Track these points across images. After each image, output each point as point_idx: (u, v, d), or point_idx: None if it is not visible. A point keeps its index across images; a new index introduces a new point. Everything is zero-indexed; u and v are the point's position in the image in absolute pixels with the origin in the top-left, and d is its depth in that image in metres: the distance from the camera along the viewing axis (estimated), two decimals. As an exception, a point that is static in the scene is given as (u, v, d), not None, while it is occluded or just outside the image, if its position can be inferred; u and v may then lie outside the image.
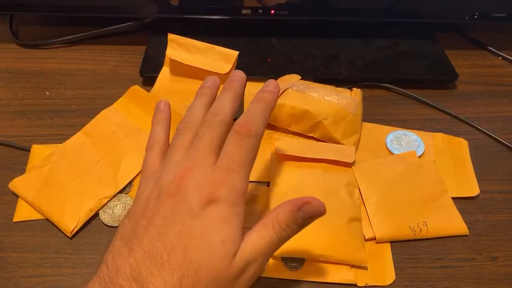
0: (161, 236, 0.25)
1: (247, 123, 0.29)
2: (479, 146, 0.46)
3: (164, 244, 0.25)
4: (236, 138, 0.29)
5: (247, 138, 0.29)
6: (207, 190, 0.26)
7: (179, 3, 0.52)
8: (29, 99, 0.50)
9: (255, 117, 0.30)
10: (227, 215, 0.26)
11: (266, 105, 0.32)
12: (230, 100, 0.32)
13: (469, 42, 0.60)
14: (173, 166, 0.29)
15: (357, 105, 0.45)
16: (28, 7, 0.54)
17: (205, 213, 0.26)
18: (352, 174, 0.42)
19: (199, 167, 0.28)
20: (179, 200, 0.26)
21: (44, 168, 0.41)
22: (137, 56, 0.54)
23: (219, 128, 0.30)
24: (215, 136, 0.29)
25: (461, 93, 0.53)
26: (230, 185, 0.27)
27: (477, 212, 0.41)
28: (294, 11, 0.53)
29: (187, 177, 0.27)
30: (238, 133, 0.29)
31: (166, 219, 0.26)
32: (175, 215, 0.26)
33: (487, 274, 0.36)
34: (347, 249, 0.36)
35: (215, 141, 0.29)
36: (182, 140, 0.30)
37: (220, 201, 0.26)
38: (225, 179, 0.27)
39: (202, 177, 0.27)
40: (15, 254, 0.36)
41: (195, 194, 0.26)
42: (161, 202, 0.26)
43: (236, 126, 0.29)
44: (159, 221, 0.26)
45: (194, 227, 0.25)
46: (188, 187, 0.26)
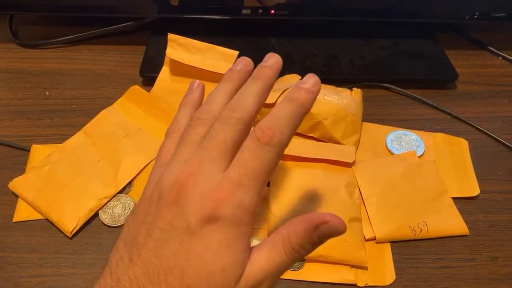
0: (158, 251, 0.23)
1: (270, 128, 0.24)
2: (479, 146, 0.46)
3: (161, 262, 0.23)
4: (255, 144, 0.24)
5: (267, 147, 0.24)
6: (208, 204, 0.23)
7: (179, 3, 0.52)
8: (29, 99, 0.50)
9: (282, 122, 0.25)
10: (229, 238, 0.23)
11: (300, 107, 0.26)
12: (256, 93, 0.26)
13: (469, 42, 0.60)
14: (177, 165, 0.25)
15: (357, 105, 0.45)
16: (28, 7, 0.54)
17: (204, 232, 0.23)
18: (352, 174, 0.42)
19: (204, 173, 0.24)
20: (178, 212, 0.23)
21: (44, 168, 0.41)
22: (137, 56, 0.54)
23: (236, 127, 0.25)
24: (229, 137, 0.25)
25: (461, 93, 0.53)
26: (236, 202, 0.23)
27: (477, 212, 0.41)
28: (294, 11, 0.53)
29: (189, 184, 0.24)
30: (258, 139, 0.24)
31: (164, 232, 0.23)
32: (172, 230, 0.23)
33: (487, 274, 0.36)
34: (347, 249, 0.36)
35: (229, 143, 0.25)
36: (194, 133, 0.26)
37: (222, 220, 0.23)
38: (231, 194, 0.23)
39: (206, 187, 0.24)
40: (15, 254, 0.36)
41: (196, 207, 0.23)
42: (161, 209, 0.24)
43: (257, 131, 0.24)
44: (157, 233, 0.23)
45: (192, 247, 0.23)
46: (188, 197, 0.23)
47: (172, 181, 0.24)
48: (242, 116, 0.25)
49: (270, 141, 0.24)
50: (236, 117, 0.25)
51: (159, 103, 0.45)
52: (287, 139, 0.25)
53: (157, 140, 0.43)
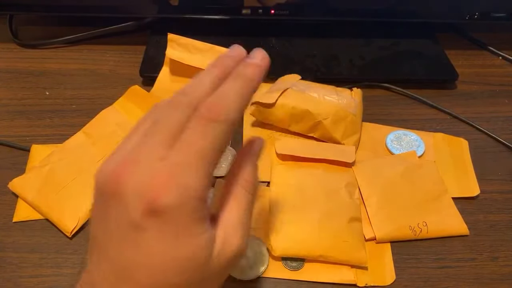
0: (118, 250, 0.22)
1: (215, 104, 0.23)
2: (479, 146, 0.46)
3: (124, 261, 0.22)
4: (199, 122, 0.22)
5: (214, 123, 0.22)
6: (148, 195, 0.21)
7: (179, 3, 0.52)
8: (29, 99, 0.50)
9: (230, 98, 0.23)
10: (181, 227, 0.21)
11: (246, 83, 0.24)
12: (239, 94, 0.24)
13: (469, 42, 0.60)
14: (121, 151, 0.23)
15: (357, 105, 0.45)
16: (28, 7, 0.54)
17: (152, 226, 0.21)
18: (352, 174, 0.42)
19: (145, 160, 0.22)
20: (120, 208, 0.21)
21: (44, 168, 0.41)
22: (137, 56, 0.54)
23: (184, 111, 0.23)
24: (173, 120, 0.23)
25: (461, 93, 0.53)
26: (180, 186, 0.21)
27: (477, 212, 0.41)
28: (294, 11, 0.53)
29: (126, 174, 0.21)
30: (203, 116, 0.22)
31: (116, 230, 0.22)
32: (121, 228, 0.21)
33: (487, 274, 0.36)
34: (347, 249, 0.36)
35: (172, 127, 0.22)
36: (161, 115, 0.24)
37: (167, 211, 0.21)
38: (173, 178, 0.21)
39: (144, 175, 0.21)
40: (15, 254, 0.36)
41: (135, 201, 0.21)
42: (104, 204, 0.22)
43: (202, 108, 0.23)
44: (111, 231, 0.22)
45: (147, 243, 0.21)
46: (127, 190, 0.21)
47: (109, 171, 0.22)
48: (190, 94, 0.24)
49: (217, 118, 0.22)
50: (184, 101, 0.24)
51: (159, 103, 0.45)
52: (235, 116, 0.23)
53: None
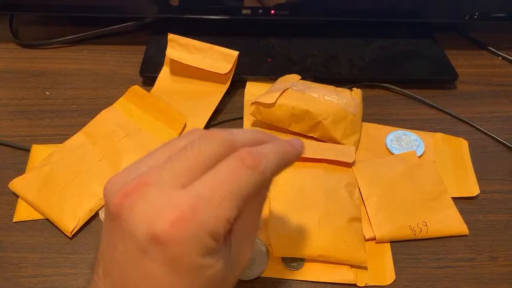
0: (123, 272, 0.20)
1: (257, 154, 0.22)
2: (479, 146, 0.46)
3: (129, 283, 0.20)
4: (237, 164, 0.21)
5: (250, 171, 0.21)
6: (159, 223, 0.19)
7: (179, 3, 0.52)
8: (29, 99, 0.50)
9: (269, 156, 0.23)
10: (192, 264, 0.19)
11: (285, 154, 0.24)
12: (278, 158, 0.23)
13: (469, 42, 0.60)
14: (136, 169, 0.21)
15: (357, 105, 0.45)
16: (28, 7, 0.54)
17: (157, 255, 0.19)
18: (352, 174, 0.42)
19: (161, 184, 0.20)
20: (124, 229, 0.20)
21: (44, 168, 0.41)
22: (137, 56, 0.54)
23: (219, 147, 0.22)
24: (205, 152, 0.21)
25: (461, 93, 0.53)
26: (197, 222, 0.19)
27: (477, 212, 0.41)
28: (294, 11, 0.53)
29: (136, 195, 0.19)
30: (242, 160, 0.21)
31: (121, 251, 0.20)
32: (127, 250, 0.20)
33: (487, 274, 0.36)
34: (347, 249, 0.36)
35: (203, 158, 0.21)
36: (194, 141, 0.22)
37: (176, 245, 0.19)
38: (192, 212, 0.19)
39: (159, 200, 0.19)
40: (15, 254, 0.36)
41: (143, 223, 0.19)
42: (110, 222, 0.21)
43: (243, 152, 0.21)
44: (116, 251, 0.21)
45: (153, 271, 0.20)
46: (134, 211, 0.19)
47: (116, 189, 0.20)
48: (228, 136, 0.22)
49: (255, 166, 0.21)
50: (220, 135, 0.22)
51: (159, 103, 0.45)
52: (270, 173, 0.22)
53: (157, 140, 0.43)
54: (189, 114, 0.45)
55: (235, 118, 0.48)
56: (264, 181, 0.22)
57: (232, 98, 0.50)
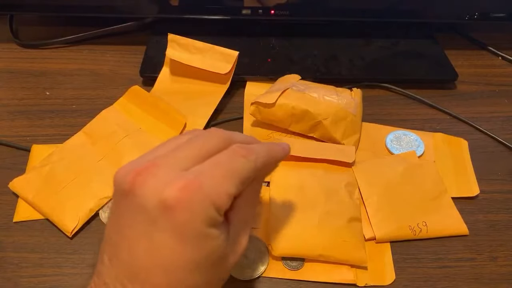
0: (131, 252, 0.22)
1: (248, 147, 0.25)
2: (479, 146, 0.46)
3: (138, 262, 0.22)
4: (231, 153, 0.24)
5: (242, 158, 0.24)
6: (167, 192, 0.21)
7: (179, 3, 0.52)
8: (29, 99, 0.50)
9: (258, 150, 0.26)
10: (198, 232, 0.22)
11: (273, 151, 0.28)
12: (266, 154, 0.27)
13: (469, 42, 0.60)
14: (144, 158, 0.24)
15: (357, 105, 0.45)
16: (28, 7, 0.54)
17: (167, 224, 0.21)
18: (352, 174, 0.42)
19: (169, 166, 0.23)
20: (136, 203, 0.22)
21: (44, 168, 0.41)
22: (137, 56, 0.54)
23: (219, 140, 0.25)
24: (207, 145, 0.25)
25: (461, 93, 0.53)
26: (201, 190, 0.22)
27: (477, 212, 0.41)
28: (294, 11, 0.53)
29: (146, 173, 0.22)
30: (235, 150, 0.25)
31: (130, 229, 0.22)
32: (136, 225, 0.22)
33: (487, 274, 0.36)
34: (347, 249, 0.36)
35: (205, 149, 0.25)
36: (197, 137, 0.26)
37: (184, 212, 0.21)
38: (198, 184, 0.22)
39: (167, 176, 0.22)
40: (15, 254, 0.36)
41: (154, 196, 0.21)
42: (120, 202, 0.23)
43: (235, 146, 0.25)
44: (125, 231, 0.22)
45: (162, 241, 0.21)
46: (145, 186, 0.22)
47: (128, 170, 0.23)
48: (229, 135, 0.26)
49: (247, 155, 0.25)
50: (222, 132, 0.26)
51: (159, 103, 0.45)
52: (260, 165, 0.25)
53: (157, 140, 0.43)
54: (189, 114, 0.45)
55: (235, 118, 0.48)
56: (255, 170, 0.25)
57: (232, 98, 0.50)
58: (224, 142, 0.25)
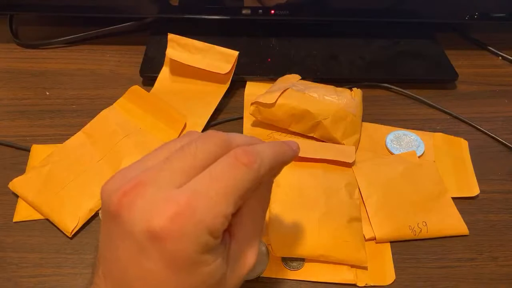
0: (123, 272, 0.21)
1: (252, 152, 0.22)
2: (479, 146, 0.46)
3: (130, 284, 0.21)
4: (232, 162, 0.22)
5: (245, 168, 0.21)
6: (157, 220, 0.19)
7: (179, 3, 0.52)
8: (29, 99, 0.50)
9: (263, 154, 0.23)
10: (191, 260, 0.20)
11: (280, 152, 0.25)
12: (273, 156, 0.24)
13: (469, 42, 0.60)
14: (133, 170, 0.22)
15: (357, 105, 0.45)
16: (28, 7, 0.54)
17: (155, 253, 0.20)
18: (352, 174, 0.42)
19: (158, 183, 0.20)
20: (123, 228, 0.20)
21: (44, 168, 0.41)
22: (137, 56, 0.54)
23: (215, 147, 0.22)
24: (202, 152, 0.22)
25: (461, 93, 0.53)
26: (195, 219, 0.19)
27: (477, 212, 0.41)
28: (294, 11, 0.53)
29: (134, 194, 0.20)
30: (237, 158, 0.22)
31: (121, 251, 0.21)
32: (126, 249, 0.20)
33: (487, 274, 0.36)
34: (347, 249, 0.36)
35: (200, 158, 0.22)
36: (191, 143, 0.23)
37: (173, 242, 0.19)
38: (189, 209, 0.19)
39: (156, 198, 0.20)
40: (15, 254, 0.36)
41: (142, 221, 0.19)
42: (109, 222, 0.21)
43: (238, 150, 0.22)
44: (117, 251, 0.21)
45: (153, 270, 0.20)
46: (133, 210, 0.20)
47: (114, 188, 0.21)
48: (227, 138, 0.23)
49: (249, 164, 0.22)
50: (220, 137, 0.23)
51: (159, 103, 0.45)
52: (265, 171, 0.23)
53: (157, 140, 0.43)
54: (189, 114, 0.45)
55: (235, 118, 0.48)
56: (259, 178, 0.22)
57: (232, 98, 0.50)
58: (222, 147, 0.23)
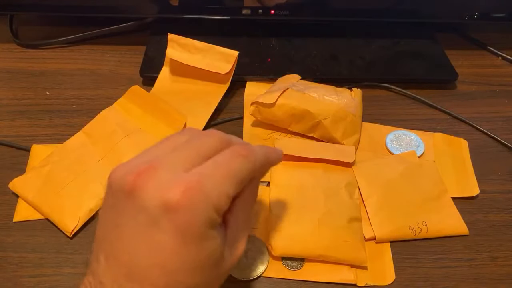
0: (131, 251, 0.22)
1: (248, 147, 0.26)
2: (479, 146, 0.46)
3: (137, 261, 0.22)
4: (232, 153, 0.25)
5: (242, 158, 0.25)
6: (169, 193, 0.21)
7: (179, 3, 0.52)
8: (29, 99, 0.50)
9: (257, 152, 0.27)
10: (198, 233, 0.22)
11: (269, 153, 0.28)
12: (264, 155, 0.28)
13: (469, 42, 0.60)
14: (142, 157, 0.25)
15: (357, 105, 0.45)
16: (28, 7, 0.54)
17: (168, 225, 0.21)
18: (352, 174, 0.42)
19: (169, 168, 0.23)
20: (137, 204, 0.22)
21: (44, 168, 0.41)
22: (137, 56, 0.54)
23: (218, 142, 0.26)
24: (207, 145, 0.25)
25: (461, 93, 0.53)
26: (202, 191, 0.22)
27: (477, 212, 0.41)
28: (294, 11, 0.53)
29: (147, 174, 0.22)
30: (235, 149, 0.25)
31: (130, 229, 0.22)
32: (137, 226, 0.22)
33: (487, 274, 0.36)
34: (347, 249, 0.36)
35: (204, 149, 0.25)
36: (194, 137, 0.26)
37: (185, 213, 0.21)
38: (199, 184, 0.22)
39: (167, 178, 0.22)
40: (15, 254, 0.36)
41: (156, 197, 0.21)
42: (119, 202, 0.23)
43: (236, 146, 0.26)
44: (124, 230, 0.22)
45: (163, 242, 0.22)
46: (148, 186, 0.22)
47: (128, 170, 0.23)
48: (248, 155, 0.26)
49: (247, 155, 0.25)
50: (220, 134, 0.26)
51: (159, 103, 0.45)
52: (258, 165, 0.26)
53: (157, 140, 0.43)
54: (189, 114, 0.45)
55: (235, 118, 0.48)
56: (254, 171, 0.26)
57: (232, 98, 0.50)
58: (222, 144, 0.26)
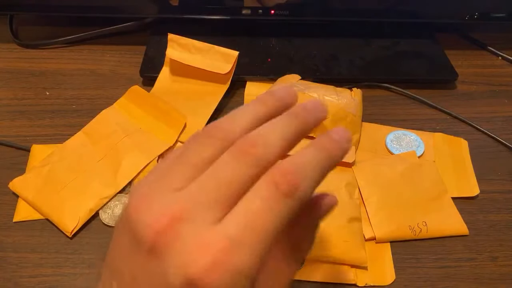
0: None
1: (295, 174, 0.19)
2: (479, 146, 0.46)
3: None
4: (272, 193, 0.19)
5: (287, 199, 0.19)
6: (193, 267, 0.18)
7: (179, 3, 0.52)
8: (29, 99, 0.50)
9: (307, 170, 0.20)
10: None
11: (328, 159, 0.21)
12: (287, 137, 0.21)
13: (469, 42, 0.60)
14: (161, 194, 0.20)
15: (357, 105, 0.45)
16: (28, 7, 0.54)
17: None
18: (352, 174, 0.42)
19: (193, 221, 0.18)
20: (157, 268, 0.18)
21: (44, 168, 0.41)
22: (137, 56, 0.54)
23: (252, 168, 0.19)
24: (236, 177, 0.19)
25: (461, 93, 0.53)
26: (231, 267, 0.18)
27: (477, 212, 0.41)
28: (294, 11, 0.53)
29: (171, 233, 0.18)
30: (277, 186, 0.19)
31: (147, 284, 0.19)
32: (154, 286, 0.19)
33: (487, 274, 0.37)
34: (347, 249, 0.36)
35: (234, 185, 0.19)
36: (198, 153, 0.20)
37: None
38: (225, 256, 0.18)
39: (193, 241, 0.18)
40: (15, 254, 0.36)
41: (178, 268, 0.18)
42: (137, 253, 0.19)
43: (277, 174, 0.19)
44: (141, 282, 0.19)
45: None
46: (170, 252, 0.18)
47: (152, 220, 0.19)
48: (263, 156, 0.19)
49: (293, 192, 0.19)
50: (254, 156, 0.19)
51: (159, 103, 0.45)
52: (310, 193, 0.20)
53: (157, 140, 0.43)
54: (189, 114, 0.45)
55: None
56: (303, 203, 0.19)
57: (232, 98, 0.50)
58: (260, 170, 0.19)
